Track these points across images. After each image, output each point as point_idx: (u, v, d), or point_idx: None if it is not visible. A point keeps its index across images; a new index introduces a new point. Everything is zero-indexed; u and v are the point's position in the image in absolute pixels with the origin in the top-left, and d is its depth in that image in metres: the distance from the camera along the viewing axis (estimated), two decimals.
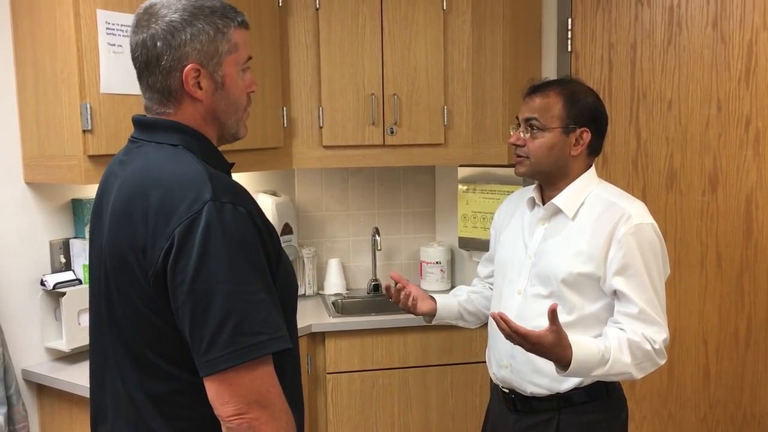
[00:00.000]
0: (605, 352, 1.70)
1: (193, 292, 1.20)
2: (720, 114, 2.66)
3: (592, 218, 1.81)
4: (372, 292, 3.22)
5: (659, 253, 1.81)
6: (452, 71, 2.87)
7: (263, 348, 1.21)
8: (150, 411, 1.32)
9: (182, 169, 1.27)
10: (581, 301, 1.79)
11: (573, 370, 1.68)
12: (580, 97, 1.84)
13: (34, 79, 2.20)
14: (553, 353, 1.64)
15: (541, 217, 1.90)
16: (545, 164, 1.84)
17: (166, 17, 1.29)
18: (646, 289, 1.76)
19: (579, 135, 1.82)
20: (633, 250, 1.75)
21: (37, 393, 2.34)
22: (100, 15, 2.08)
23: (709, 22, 2.65)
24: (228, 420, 1.21)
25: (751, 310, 2.67)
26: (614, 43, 2.85)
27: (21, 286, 2.30)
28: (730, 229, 2.67)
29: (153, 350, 1.30)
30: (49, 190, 2.36)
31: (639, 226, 1.76)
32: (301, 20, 2.81)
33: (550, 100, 1.81)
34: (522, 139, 1.84)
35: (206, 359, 1.20)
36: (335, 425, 2.78)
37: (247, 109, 1.42)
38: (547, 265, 1.84)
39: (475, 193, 3.14)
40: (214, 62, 1.32)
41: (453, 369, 2.83)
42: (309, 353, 2.72)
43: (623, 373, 1.73)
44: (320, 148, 2.87)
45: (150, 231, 1.23)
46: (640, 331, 1.73)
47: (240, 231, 1.23)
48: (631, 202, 1.83)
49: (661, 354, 1.77)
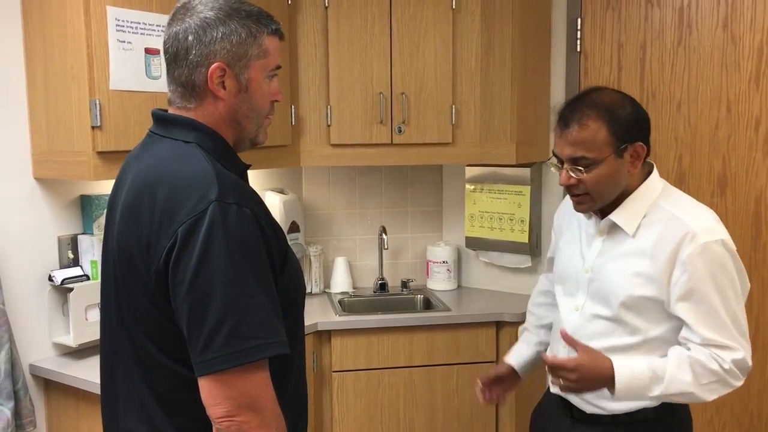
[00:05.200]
0: (658, 369, 1.59)
1: (192, 292, 1.21)
2: (730, 115, 2.65)
3: (654, 236, 1.65)
4: (378, 291, 3.22)
5: (732, 270, 1.62)
6: (461, 70, 2.87)
7: (258, 353, 1.22)
8: (153, 406, 1.33)
9: (191, 167, 1.28)
10: (645, 325, 1.66)
11: (622, 389, 1.59)
12: (619, 112, 1.64)
13: (44, 75, 2.21)
14: (597, 374, 1.59)
15: (599, 230, 1.74)
16: (609, 194, 1.68)
17: (201, 13, 1.32)
18: (715, 314, 1.60)
19: (633, 150, 1.65)
20: (700, 273, 1.59)
21: (44, 388, 2.35)
22: (110, 12, 2.08)
23: (720, 22, 2.64)
24: (218, 421, 1.22)
25: (759, 312, 2.66)
26: (624, 44, 2.84)
27: (29, 282, 2.31)
28: (738, 230, 2.66)
29: (156, 346, 1.31)
30: (57, 185, 2.37)
31: (706, 245, 1.59)
32: (310, 18, 2.81)
33: (591, 129, 1.62)
34: (573, 179, 1.65)
35: (201, 359, 1.21)
36: (340, 423, 2.78)
37: (269, 116, 1.44)
38: (605, 284, 1.70)
39: (483, 192, 3.13)
40: (242, 64, 1.33)
41: (459, 368, 2.83)
42: (315, 351, 2.72)
43: (685, 393, 1.60)
44: (328, 146, 2.87)
45: (155, 228, 1.24)
46: (707, 351, 1.60)
47: (243, 233, 1.23)
48: (697, 215, 1.66)
49: (733, 375, 1.61)
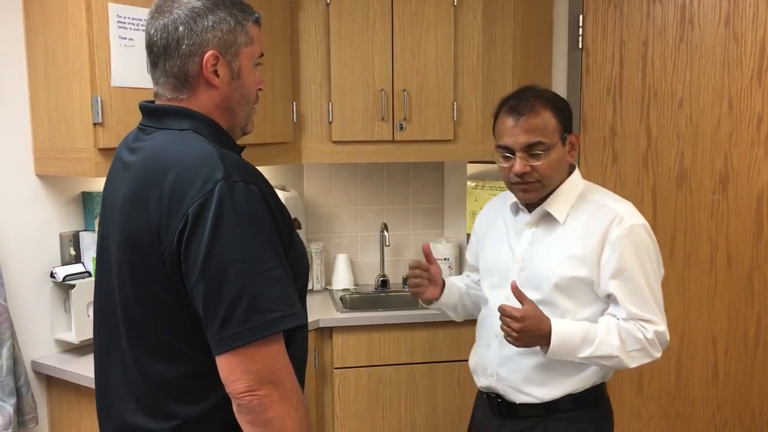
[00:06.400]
0: (590, 331, 1.70)
1: (207, 271, 1.21)
2: (731, 112, 2.65)
3: (582, 221, 1.78)
4: (380, 288, 3.22)
5: (653, 253, 1.77)
6: (462, 67, 2.87)
7: (277, 325, 1.23)
8: (163, 394, 1.34)
9: (193, 150, 1.29)
10: (573, 306, 1.77)
11: (556, 347, 1.68)
12: (559, 103, 1.81)
13: (45, 72, 2.21)
14: (537, 328, 1.68)
15: (528, 222, 1.86)
16: (554, 181, 1.80)
17: (188, 3, 1.32)
18: (639, 292, 1.73)
19: (571, 141, 1.81)
20: (628, 252, 1.72)
21: (46, 384, 2.36)
22: (111, 8, 2.08)
23: (722, 19, 2.64)
24: (239, 397, 1.23)
25: (761, 309, 2.66)
26: (626, 40, 2.84)
27: (31, 278, 2.31)
28: (740, 228, 2.66)
29: (169, 333, 1.31)
30: (59, 182, 2.38)
31: (632, 227, 1.73)
32: (311, 15, 2.81)
33: (544, 116, 1.74)
34: (528, 166, 1.75)
35: (220, 337, 1.22)
36: (342, 420, 2.79)
37: (254, 105, 1.45)
38: (537, 269, 1.80)
39: (484, 189, 3.13)
40: (232, 51, 1.35)
41: (461, 365, 2.83)
42: (316, 348, 2.73)
43: (611, 356, 1.71)
44: (329, 143, 2.87)
45: (164, 213, 1.25)
46: (633, 322, 1.72)
47: (252, 209, 1.24)
48: (620, 204, 1.80)
49: (654, 345, 1.73)
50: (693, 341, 2.77)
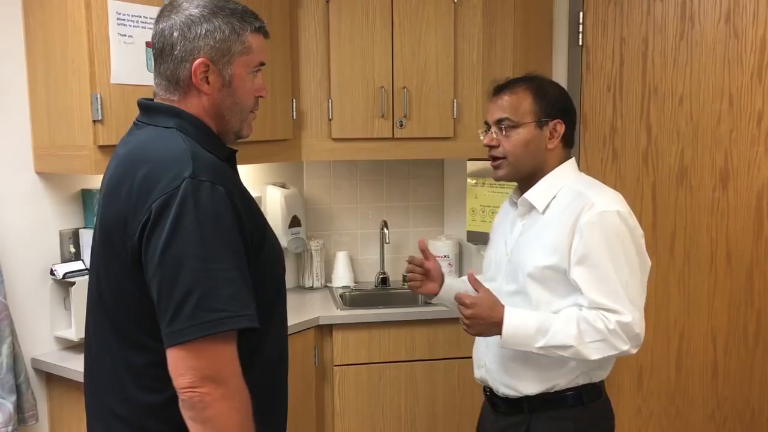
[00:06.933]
0: (546, 322, 1.66)
1: (163, 265, 1.25)
2: (732, 109, 2.64)
3: (559, 210, 1.75)
4: (380, 285, 3.22)
5: (628, 241, 1.69)
6: (462, 64, 2.87)
7: (224, 324, 1.25)
8: (129, 383, 1.38)
9: (168, 148, 1.33)
10: (549, 297, 1.73)
11: (509, 336, 1.67)
12: (548, 90, 1.81)
13: (45, 69, 2.21)
14: (489, 317, 1.69)
15: (519, 214, 1.86)
16: (523, 162, 1.79)
17: (186, 10, 1.38)
18: (605, 279, 1.65)
19: (553, 127, 1.78)
20: (595, 239, 1.66)
21: (46, 382, 2.36)
22: (111, 5, 2.08)
23: (722, 16, 2.63)
24: (182, 392, 1.25)
25: (760, 306, 2.66)
26: (626, 38, 2.83)
27: (31, 276, 2.31)
28: (740, 225, 2.66)
29: (133, 322, 1.36)
30: (59, 180, 2.37)
31: (603, 213, 1.67)
32: (311, 12, 2.80)
33: (519, 95, 1.78)
34: (495, 140, 1.79)
35: (169, 330, 1.25)
36: (342, 417, 2.79)
37: (253, 111, 1.49)
38: (517, 260, 1.80)
39: (484, 186, 3.13)
40: (225, 60, 1.39)
41: (461, 363, 2.83)
42: (316, 345, 2.73)
43: (566, 346, 1.65)
44: (329, 140, 2.87)
45: (132, 206, 1.30)
46: (595, 312, 1.65)
47: (215, 209, 1.27)
48: (601, 192, 1.76)
49: (617, 337, 1.64)
50: (693, 339, 2.77)
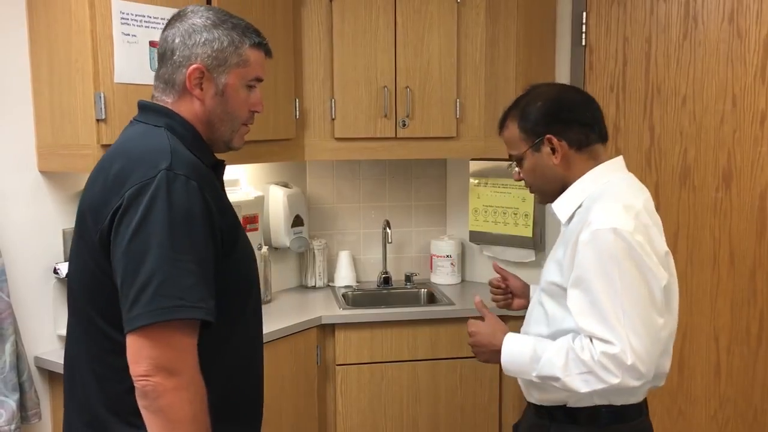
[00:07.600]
0: (539, 350, 1.60)
1: (129, 251, 1.27)
2: (735, 110, 2.64)
3: (575, 222, 1.68)
4: (382, 285, 3.22)
5: (626, 261, 1.53)
6: (465, 64, 2.87)
7: (178, 312, 1.26)
8: (87, 370, 1.40)
9: (150, 143, 1.38)
10: (562, 313, 1.64)
11: (507, 363, 1.66)
12: (530, 109, 1.72)
13: (48, 68, 2.21)
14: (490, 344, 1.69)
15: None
16: (542, 185, 1.78)
17: (191, 20, 1.45)
18: (596, 305, 1.53)
19: (549, 144, 1.70)
20: (588, 260, 1.55)
21: (49, 380, 2.36)
22: (114, 5, 2.08)
23: (726, 16, 2.63)
24: (136, 380, 1.27)
25: (763, 307, 2.65)
26: (629, 37, 2.83)
27: (34, 275, 2.32)
28: (743, 225, 2.66)
29: (94, 308, 1.38)
30: (62, 178, 2.38)
31: (596, 232, 1.54)
32: (314, 12, 2.81)
33: (509, 128, 1.77)
34: (517, 174, 1.82)
35: (129, 316, 1.27)
36: (344, 417, 2.79)
37: (247, 124, 1.53)
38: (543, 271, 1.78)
39: (487, 186, 3.13)
40: (220, 69, 1.45)
41: (462, 363, 2.83)
42: (318, 345, 2.73)
43: (553, 377, 1.57)
44: (332, 140, 2.87)
45: (106, 193, 1.33)
46: (586, 341, 1.55)
47: (187, 202, 1.30)
48: (608, 204, 1.61)
49: (604, 369, 1.51)
50: (695, 339, 2.77)
